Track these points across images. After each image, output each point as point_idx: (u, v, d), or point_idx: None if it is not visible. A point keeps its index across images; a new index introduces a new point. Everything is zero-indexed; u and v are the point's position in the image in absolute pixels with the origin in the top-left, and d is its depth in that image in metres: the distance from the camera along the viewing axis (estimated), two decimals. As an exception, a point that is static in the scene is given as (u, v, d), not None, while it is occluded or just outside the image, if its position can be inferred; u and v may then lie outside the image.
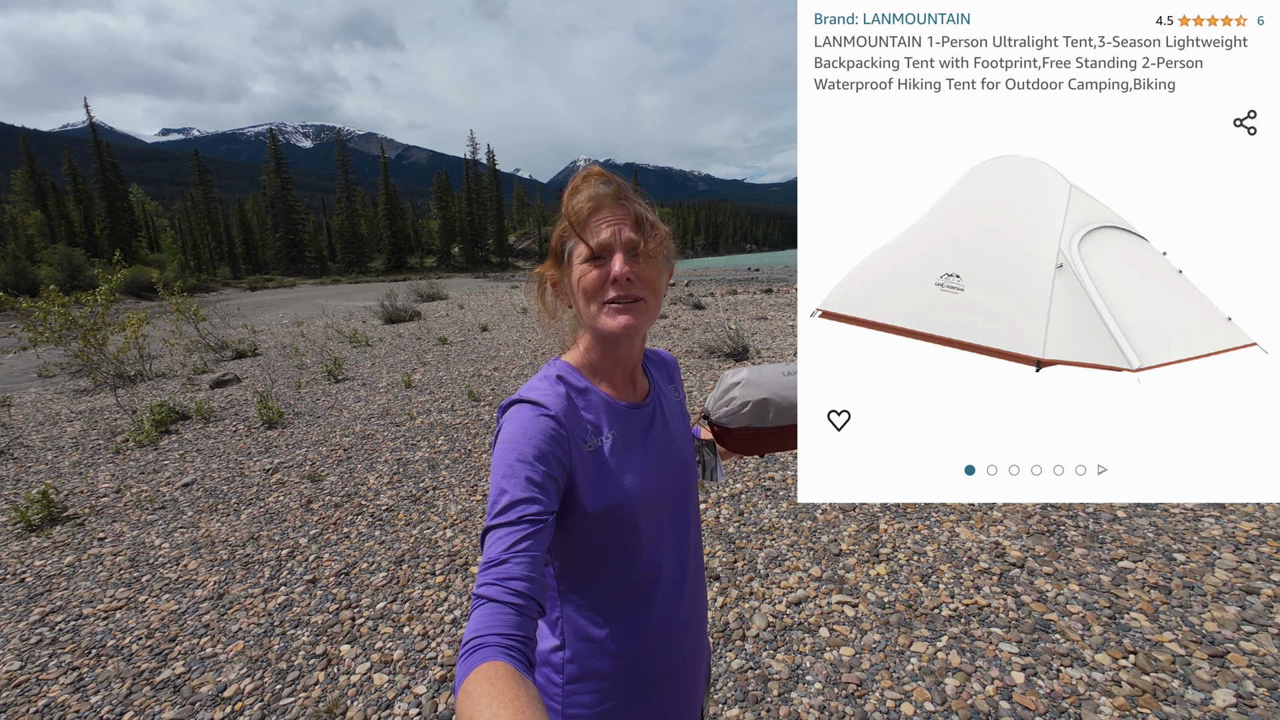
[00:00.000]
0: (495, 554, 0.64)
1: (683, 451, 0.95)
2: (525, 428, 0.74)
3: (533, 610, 0.62)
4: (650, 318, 0.82)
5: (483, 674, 0.53)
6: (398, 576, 2.87)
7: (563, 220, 0.82)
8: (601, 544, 0.81)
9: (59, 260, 35.16)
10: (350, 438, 5.11)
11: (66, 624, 2.62)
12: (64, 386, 8.44)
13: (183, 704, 2.10)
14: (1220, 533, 2.76)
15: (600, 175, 0.83)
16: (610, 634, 0.82)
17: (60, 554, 3.28)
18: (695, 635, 0.93)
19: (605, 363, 0.87)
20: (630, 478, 0.82)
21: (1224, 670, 1.95)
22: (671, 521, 0.89)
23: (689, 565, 0.92)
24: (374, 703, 2.06)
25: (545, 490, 0.69)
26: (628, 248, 0.79)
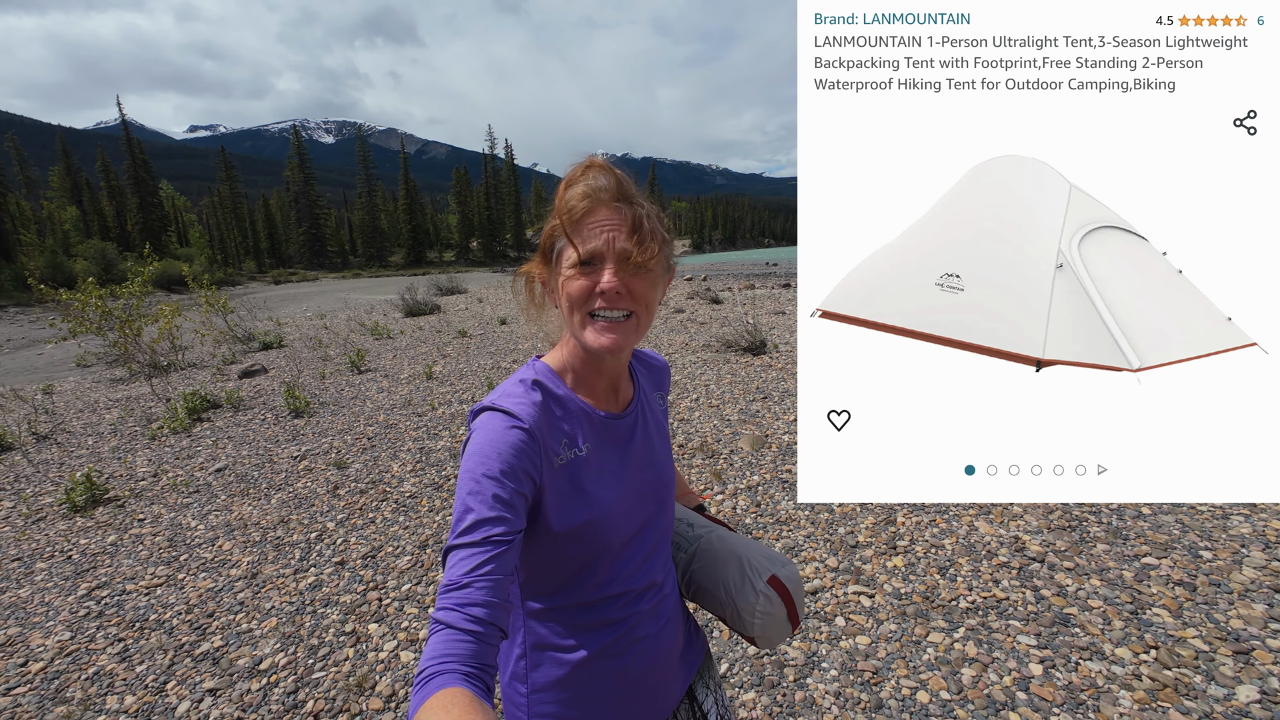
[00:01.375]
0: (456, 576, 0.61)
1: (660, 463, 0.91)
2: (495, 440, 0.70)
3: (493, 637, 0.60)
4: (639, 334, 0.77)
5: (440, 701, 0.51)
6: (422, 560, 2.95)
7: (554, 216, 0.76)
8: (568, 557, 0.78)
9: (94, 254, 36.29)
10: (374, 427, 5.23)
11: (111, 599, 2.75)
12: (101, 375, 8.76)
13: (221, 675, 2.20)
14: (1250, 531, 2.71)
15: (601, 168, 0.75)
16: (575, 644, 0.80)
17: (103, 533, 3.43)
18: (667, 641, 0.90)
19: (588, 370, 0.83)
20: (603, 492, 0.79)
21: (1249, 667, 1.94)
22: (645, 534, 0.86)
23: (661, 574, 0.90)
24: (401, 678, 2.14)
25: (513, 508, 0.67)
26: (620, 257, 0.73)
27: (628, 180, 0.76)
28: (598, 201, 0.73)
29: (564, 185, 0.76)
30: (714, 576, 0.96)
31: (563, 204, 0.74)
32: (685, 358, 7.41)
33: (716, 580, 0.95)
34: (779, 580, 0.93)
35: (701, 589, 0.98)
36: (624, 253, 0.72)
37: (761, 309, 12.37)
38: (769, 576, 0.92)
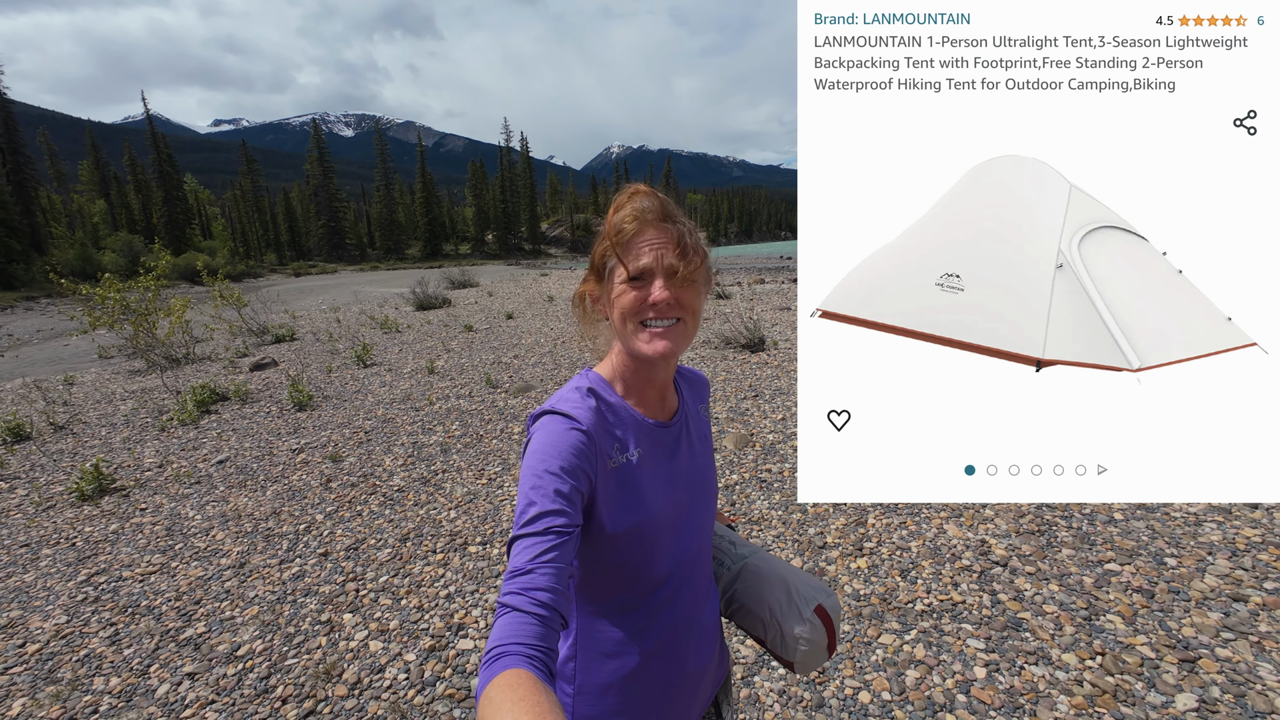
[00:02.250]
0: (521, 564, 0.65)
1: (705, 472, 0.94)
2: (555, 440, 0.74)
3: (555, 621, 0.63)
4: (688, 340, 0.82)
5: (504, 680, 0.54)
6: (401, 553, 3.06)
7: (604, 238, 0.82)
8: (618, 559, 0.81)
9: (121, 247, 37.28)
10: (372, 421, 5.37)
11: (108, 585, 2.90)
12: (120, 367, 9.06)
13: (201, 660, 2.32)
14: (1220, 538, 2.69)
15: (646, 193, 0.82)
16: (622, 646, 0.83)
17: (107, 522, 3.60)
18: (708, 648, 0.93)
19: (638, 380, 0.87)
20: (651, 496, 0.83)
21: (1192, 675, 1.94)
22: (689, 540, 0.89)
23: (704, 581, 0.93)
24: (368, 667, 2.24)
25: (572, 503, 0.70)
26: (669, 273, 0.78)
27: (670, 202, 0.82)
28: (645, 222, 0.79)
29: (613, 209, 0.82)
30: (760, 599, 0.98)
31: (613, 226, 0.80)
32: (684, 355, 7.44)
33: (762, 603, 0.98)
34: (824, 610, 0.95)
35: (745, 609, 1.00)
36: (672, 268, 0.78)
37: (767, 304, 12.33)
38: (815, 605, 0.95)
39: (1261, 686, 1.88)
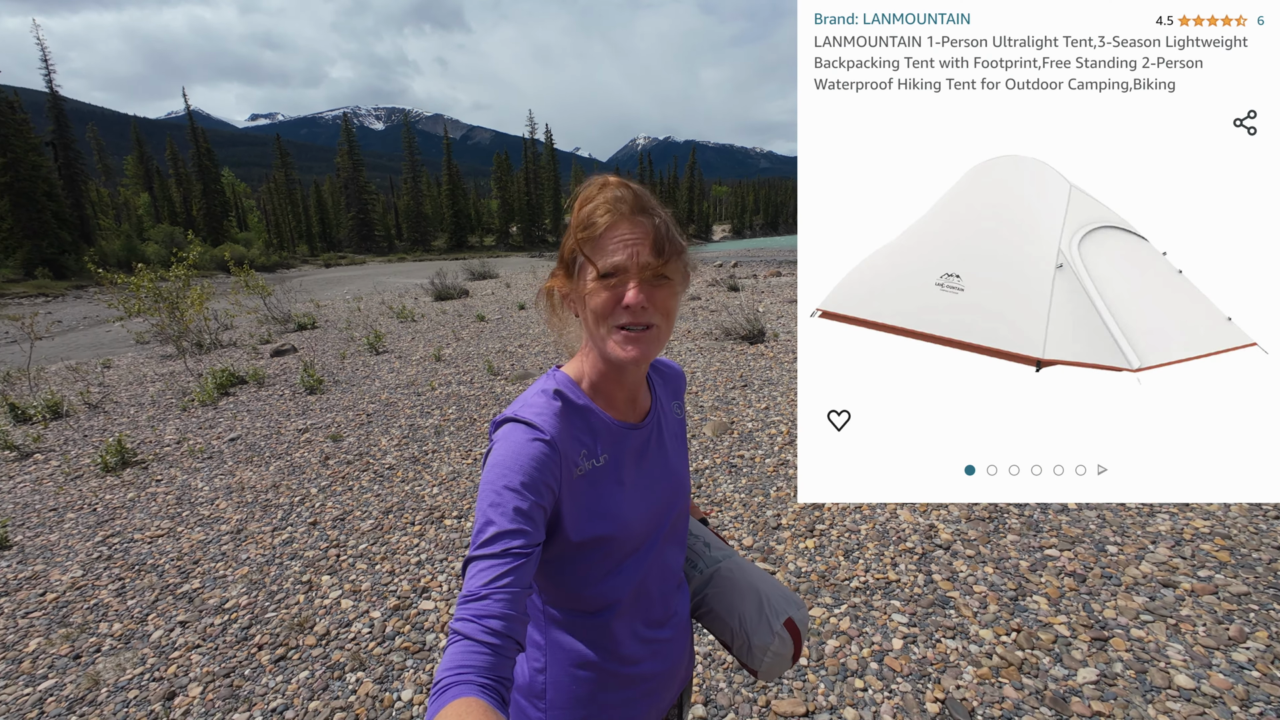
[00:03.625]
0: (475, 588, 0.62)
1: (677, 473, 0.92)
2: (516, 451, 0.71)
3: (510, 649, 0.61)
4: (660, 344, 0.78)
5: (455, 710, 0.52)
6: (383, 524, 3.28)
7: (572, 232, 0.76)
8: (587, 566, 0.80)
9: (163, 238, 38.90)
10: (375, 405, 5.64)
11: (120, 545, 3.20)
12: (154, 352, 9.60)
13: (193, 611, 2.57)
14: (1168, 528, 2.72)
15: (617, 184, 0.76)
16: (594, 655, 0.82)
17: (125, 491, 3.92)
18: (680, 651, 0.93)
19: (607, 382, 0.83)
20: (620, 501, 0.81)
21: (1100, 653, 2.02)
22: (660, 543, 0.88)
23: (675, 584, 0.93)
24: (337, 621, 2.46)
25: (532, 520, 0.68)
26: (643, 271, 0.73)
27: (645, 193, 0.77)
28: (619, 215, 0.73)
29: (580, 202, 0.76)
30: (730, 607, 0.96)
31: (582, 219, 0.75)
32: (683, 345, 7.56)
33: (733, 611, 0.96)
34: (794, 624, 0.94)
35: (714, 615, 0.98)
36: (647, 266, 0.73)
37: (777, 297, 12.31)
38: (785, 619, 0.93)
39: (1165, 664, 1.95)
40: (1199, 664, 1.94)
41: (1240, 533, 2.65)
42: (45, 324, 15.62)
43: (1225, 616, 2.14)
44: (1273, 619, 2.11)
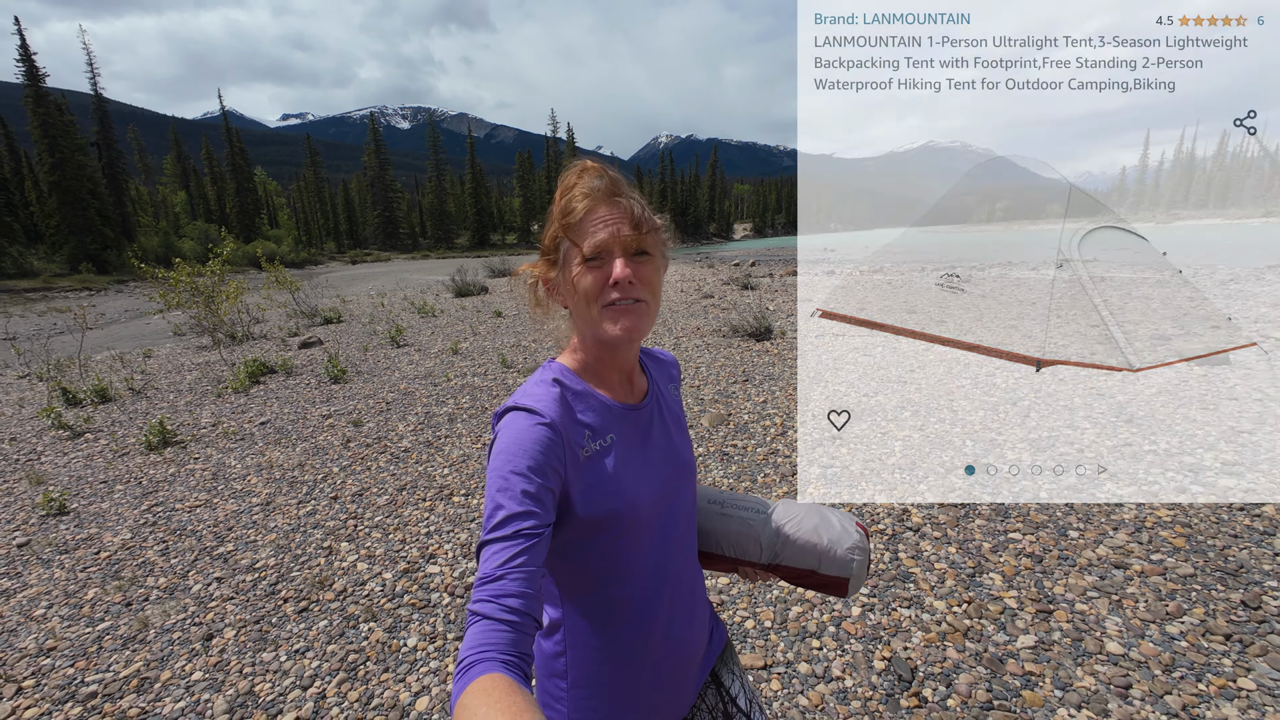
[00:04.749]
0: (490, 570, 0.64)
1: (681, 452, 0.93)
2: (520, 437, 0.73)
3: (529, 626, 0.62)
4: (651, 319, 0.81)
5: (480, 686, 0.53)
6: (397, 499, 3.56)
7: (554, 221, 0.80)
8: (601, 548, 0.81)
9: (198, 235, 40.37)
10: (394, 394, 5.97)
11: (164, 513, 3.54)
12: (190, 343, 10.13)
13: (227, 569, 2.88)
14: (1131, 516, 2.85)
15: (594, 170, 0.80)
16: (612, 636, 0.83)
17: (167, 467, 4.29)
18: (699, 626, 0.95)
19: (602, 365, 0.85)
20: (628, 481, 0.82)
21: (1042, 623, 2.19)
22: (672, 522, 0.89)
23: (689, 561, 0.94)
24: (353, 580, 2.74)
25: (541, 502, 0.69)
26: (626, 247, 0.77)
27: (619, 178, 0.80)
28: (596, 199, 0.77)
29: (560, 191, 0.80)
30: (811, 526, 1.00)
31: (562, 207, 0.78)
32: (691, 341, 7.75)
33: (815, 529, 1.00)
34: (862, 526, 1.03)
35: (795, 541, 1.00)
36: (628, 240, 0.77)
37: (791, 295, 12.40)
38: (855, 522, 1.02)
39: (1101, 634, 2.11)
40: (1133, 634, 2.09)
41: (1201, 521, 2.76)
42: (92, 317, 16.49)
43: (1168, 595, 2.29)
44: (1212, 598, 2.25)
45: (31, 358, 8.67)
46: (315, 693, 2.07)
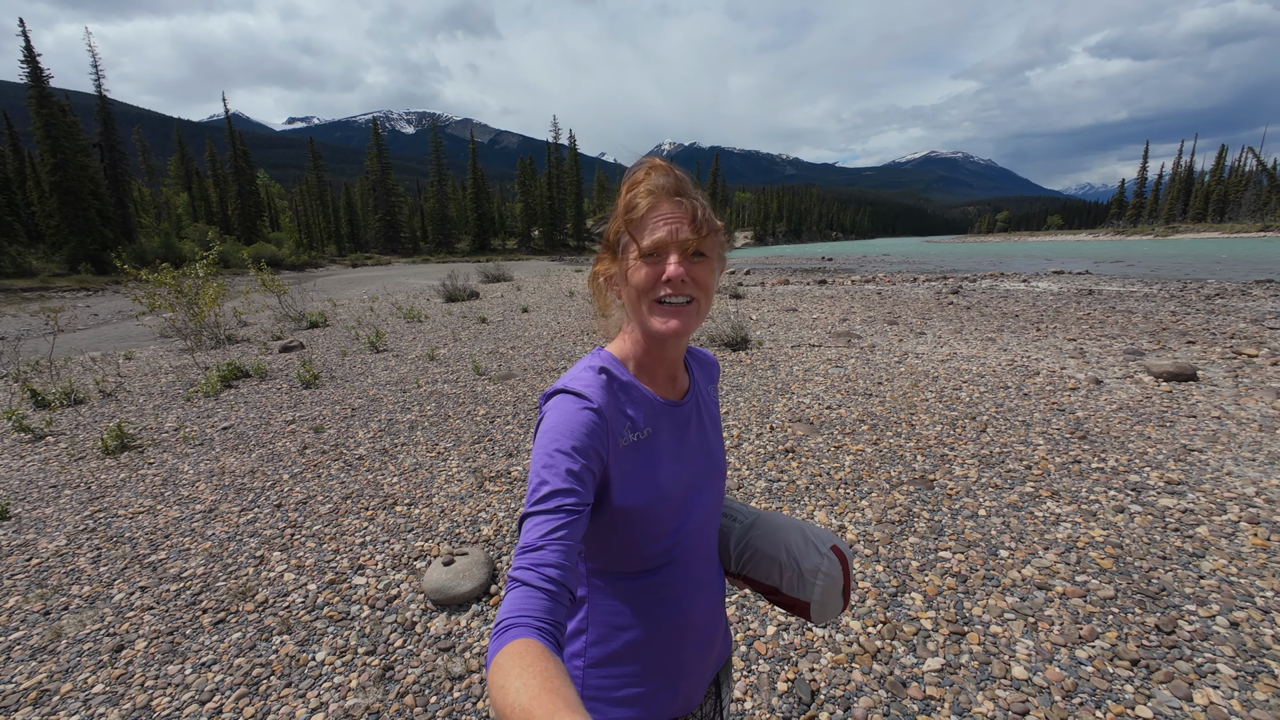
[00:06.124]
0: (532, 540, 0.66)
1: (714, 452, 0.95)
2: (568, 419, 0.75)
3: (564, 597, 0.64)
4: (700, 318, 0.82)
5: (514, 649, 0.56)
6: (340, 508, 3.55)
7: (618, 216, 0.83)
8: (629, 534, 0.83)
9: (198, 237, 40.56)
10: (362, 400, 5.96)
11: (105, 519, 3.52)
12: (173, 345, 10.14)
13: (154, 578, 2.86)
14: (1065, 536, 2.82)
15: (661, 169, 0.82)
16: (632, 619, 0.85)
17: (119, 472, 4.28)
18: (714, 626, 0.96)
19: (649, 359, 0.87)
20: (663, 474, 0.84)
21: (953, 645, 2.16)
22: (698, 517, 0.91)
23: (710, 560, 0.95)
24: (277, 591, 2.72)
25: (583, 481, 0.71)
26: (683, 248, 0.79)
27: (685, 177, 0.83)
28: (660, 197, 0.80)
29: (626, 186, 0.83)
30: (776, 540, 1.00)
31: (626, 202, 0.81)
32: (666, 350, 7.74)
33: (779, 544, 0.99)
34: (839, 550, 0.99)
35: (760, 555, 1.01)
36: (686, 242, 0.79)
37: (776, 305, 12.42)
38: (831, 545, 0.99)
39: (1010, 657, 2.08)
40: (1042, 658, 2.07)
41: (1134, 542, 2.74)
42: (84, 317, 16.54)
43: (1085, 618, 2.26)
44: (1128, 621, 2.22)
45: (7, 359, 8.69)
46: (212, 708, 2.04)
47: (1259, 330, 7.79)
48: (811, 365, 6.71)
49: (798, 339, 8.43)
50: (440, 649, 2.31)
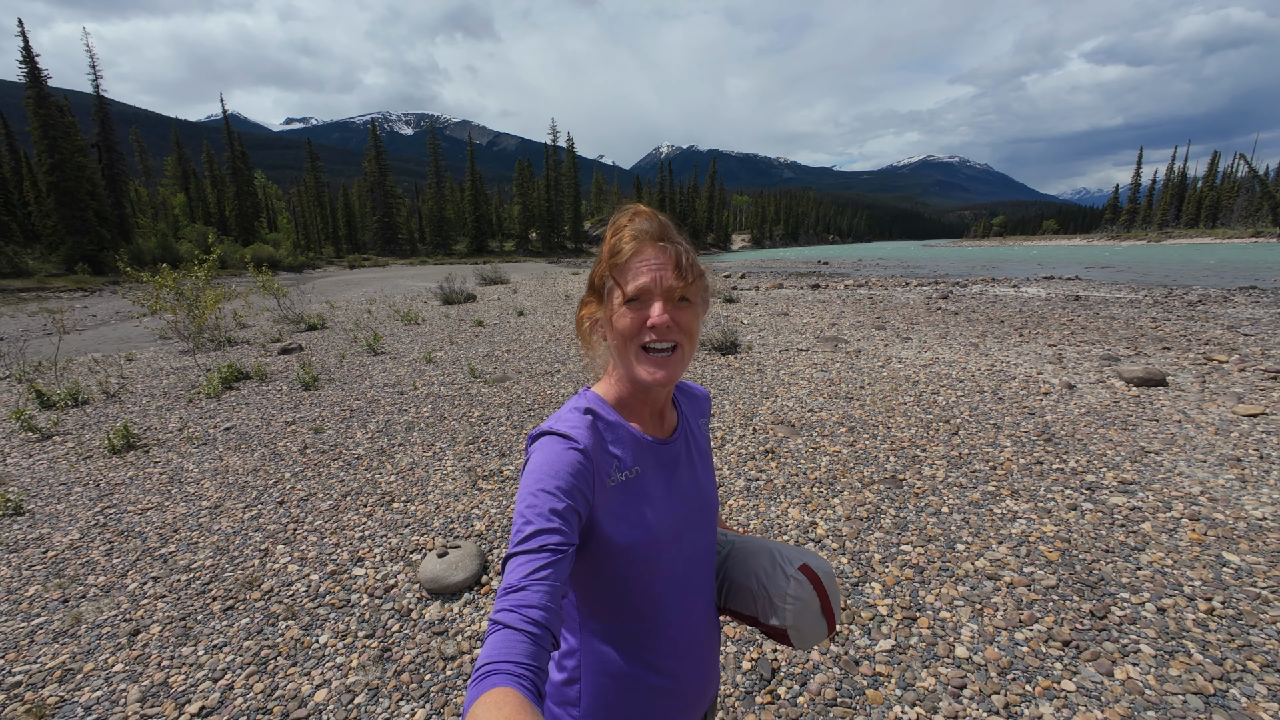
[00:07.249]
0: (514, 580, 0.65)
1: (705, 490, 0.95)
2: (553, 459, 0.75)
3: (547, 640, 0.63)
4: (685, 364, 0.83)
5: (491, 699, 0.54)
6: (340, 505, 3.73)
7: (602, 260, 0.83)
8: (621, 578, 0.82)
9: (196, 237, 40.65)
10: (361, 401, 6.14)
11: (115, 515, 3.70)
12: (174, 347, 10.29)
13: (165, 569, 3.04)
14: (1019, 531, 3.03)
15: (645, 214, 0.83)
16: (626, 666, 0.84)
17: (126, 470, 4.45)
18: (708, 666, 0.95)
19: (634, 400, 0.88)
20: (652, 514, 0.83)
21: (905, 629, 2.36)
22: (691, 557, 0.90)
23: (705, 599, 0.94)
24: (281, 581, 2.90)
25: (568, 522, 0.71)
26: (668, 295, 0.79)
27: (669, 222, 0.84)
28: (644, 242, 0.80)
29: (611, 230, 0.83)
30: (747, 569, 0.98)
31: (610, 247, 0.82)
32: (658, 354, 7.94)
33: (749, 572, 0.97)
34: (810, 569, 0.94)
35: (735, 584, 0.99)
36: (670, 289, 0.79)
37: (768, 309, 12.64)
38: (800, 564, 0.95)
39: (954, 639, 2.28)
40: (983, 640, 2.27)
41: (1081, 537, 2.94)
42: (81, 318, 16.64)
43: (1027, 604, 2.46)
44: (1065, 607, 2.42)
45: (11, 360, 8.84)
46: (224, 684, 2.23)
47: (1233, 337, 8.03)
48: (797, 369, 6.92)
49: (786, 343, 8.63)
50: (434, 633, 2.50)
